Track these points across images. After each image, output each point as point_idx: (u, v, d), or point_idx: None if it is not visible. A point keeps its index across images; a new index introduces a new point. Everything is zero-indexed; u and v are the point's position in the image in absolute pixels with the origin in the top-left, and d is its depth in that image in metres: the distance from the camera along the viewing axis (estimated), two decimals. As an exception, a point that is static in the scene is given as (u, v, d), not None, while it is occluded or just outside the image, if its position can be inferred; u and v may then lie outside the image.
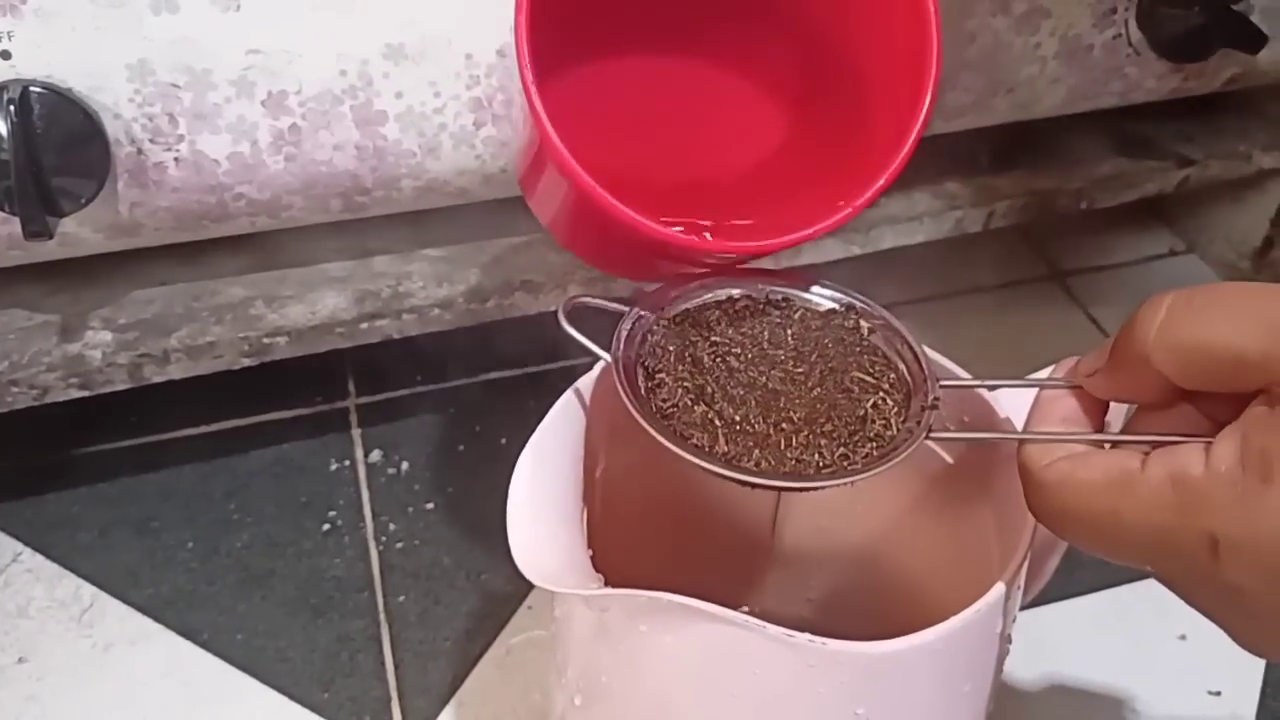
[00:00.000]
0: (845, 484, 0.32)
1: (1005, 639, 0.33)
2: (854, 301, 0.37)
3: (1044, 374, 0.39)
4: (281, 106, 0.45)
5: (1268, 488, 0.25)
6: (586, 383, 0.36)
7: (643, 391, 0.34)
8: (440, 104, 0.47)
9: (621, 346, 0.34)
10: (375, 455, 0.59)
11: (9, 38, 0.41)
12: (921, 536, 0.42)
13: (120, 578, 0.54)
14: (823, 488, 0.31)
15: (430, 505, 0.57)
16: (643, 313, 0.36)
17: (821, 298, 0.37)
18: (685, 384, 0.34)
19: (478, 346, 0.62)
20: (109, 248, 0.48)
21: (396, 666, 0.50)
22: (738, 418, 0.33)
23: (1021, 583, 0.33)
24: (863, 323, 0.36)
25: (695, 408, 0.33)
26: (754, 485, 0.31)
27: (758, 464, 0.32)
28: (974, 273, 0.70)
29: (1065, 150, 0.61)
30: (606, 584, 0.33)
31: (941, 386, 0.34)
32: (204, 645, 0.51)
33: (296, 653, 0.51)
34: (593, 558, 0.34)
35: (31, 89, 0.41)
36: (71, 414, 0.52)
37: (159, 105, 0.43)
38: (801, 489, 0.33)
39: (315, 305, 0.51)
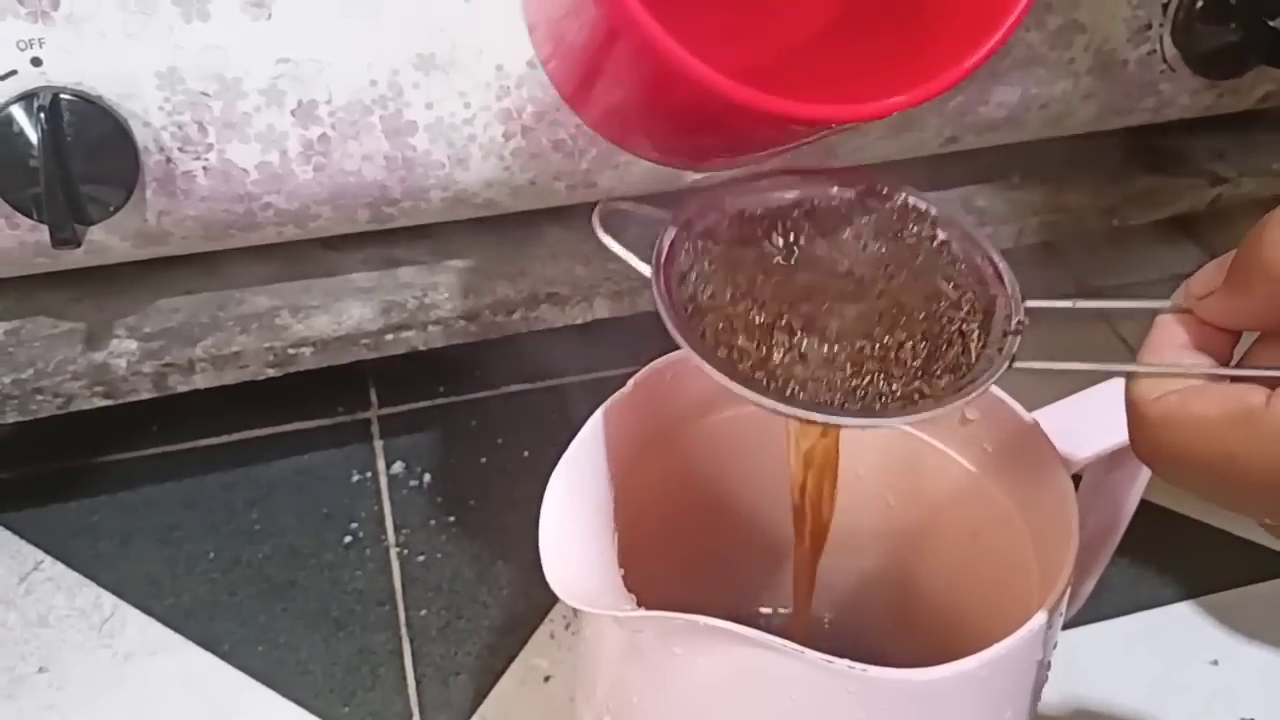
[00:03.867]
0: (918, 420, 0.29)
1: (1045, 666, 0.32)
2: (928, 206, 0.33)
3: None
4: (311, 116, 0.45)
5: None
6: (617, 400, 0.35)
7: (686, 312, 0.30)
8: (470, 115, 0.46)
9: (664, 258, 0.31)
10: (397, 467, 0.59)
11: (40, 45, 0.41)
12: (949, 548, 0.42)
13: (141, 587, 0.53)
14: (890, 426, 0.29)
15: (452, 518, 0.57)
16: (689, 219, 0.33)
17: (891, 199, 0.33)
18: (732, 303, 0.31)
19: (501, 358, 0.62)
20: (136, 256, 0.48)
21: (418, 682, 0.50)
22: (794, 340, 0.30)
23: (1064, 609, 0.32)
24: (939, 230, 0.33)
25: (744, 329, 0.30)
26: (813, 421, 0.28)
27: (816, 395, 0.29)
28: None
29: (1096, 166, 0.60)
30: (639, 604, 0.33)
31: (1027, 308, 0.31)
32: (224, 657, 0.51)
33: (317, 666, 0.50)
34: (624, 576, 0.34)
35: (62, 96, 0.41)
36: (94, 422, 0.51)
37: (188, 114, 0.43)
38: (867, 425, 0.29)
39: (341, 316, 0.51)
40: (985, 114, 0.53)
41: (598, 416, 0.34)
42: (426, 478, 0.59)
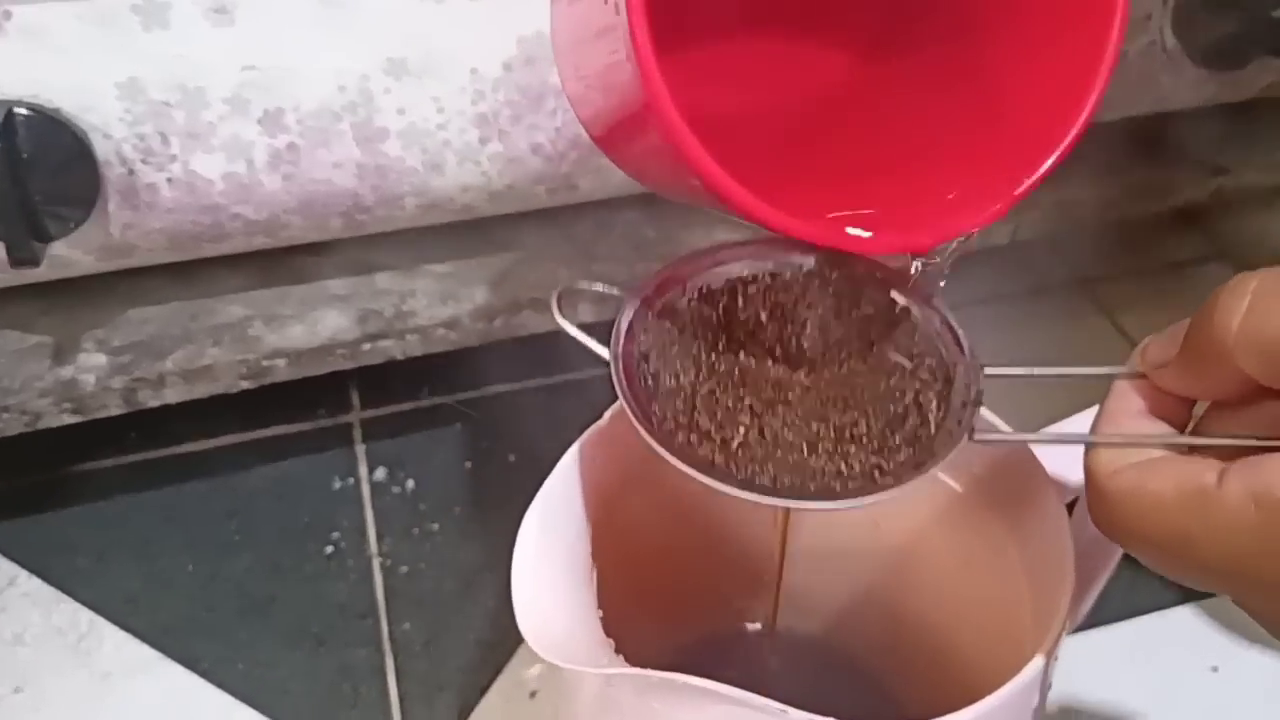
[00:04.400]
0: (877, 501, 0.28)
1: (1040, 711, 0.31)
2: (885, 275, 0.32)
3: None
4: (278, 124, 0.43)
5: None
6: (592, 435, 0.34)
7: (645, 394, 0.30)
8: (444, 120, 0.45)
9: (621, 341, 0.30)
10: (380, 473, 0.58)
11: (-8, 56, 0.39)
12: (940, 574, 0.41)
13: (119, 603, 0.52)
14: (849, 507, 0.28)
15: (436, 526, 0.55)
16: (647, 296, 0.32)
17: (849, 267, 0.32)
18: (693, 385, 0.30)
19: (486, 358, 0.60)
20: (101, 269, 0.46)
21: (401, 699, 0.49)
22: (752, 424, 0.29)
23: (1059, 651, 0.31)
24: (895, 295, 0.32)
25: (706, 411, 0.29)
26: (773, 505, 0.28)
27: (775, 479, 0.28)
28: (997, 280, 0.68)
29: (1093, 158, 0.58)
30: (618, 649, 0.31)
31: (986, 376, 0.30)
32: (204, 675, 0.50)
33: (298, 684, 0.49)
34: (603, 618, 0.33)
35: (17, 110, 0.39)
36: (68, 429, 0.50)
37: (150, 124, 0.42)
38: (826, 509, 0.29)
39: (316, 325, 0.49)
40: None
41: (571, 454, 0.33)
42: (409, 484, 0.57)
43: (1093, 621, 0.52)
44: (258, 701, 0.49)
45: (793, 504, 0.28)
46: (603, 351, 0.30)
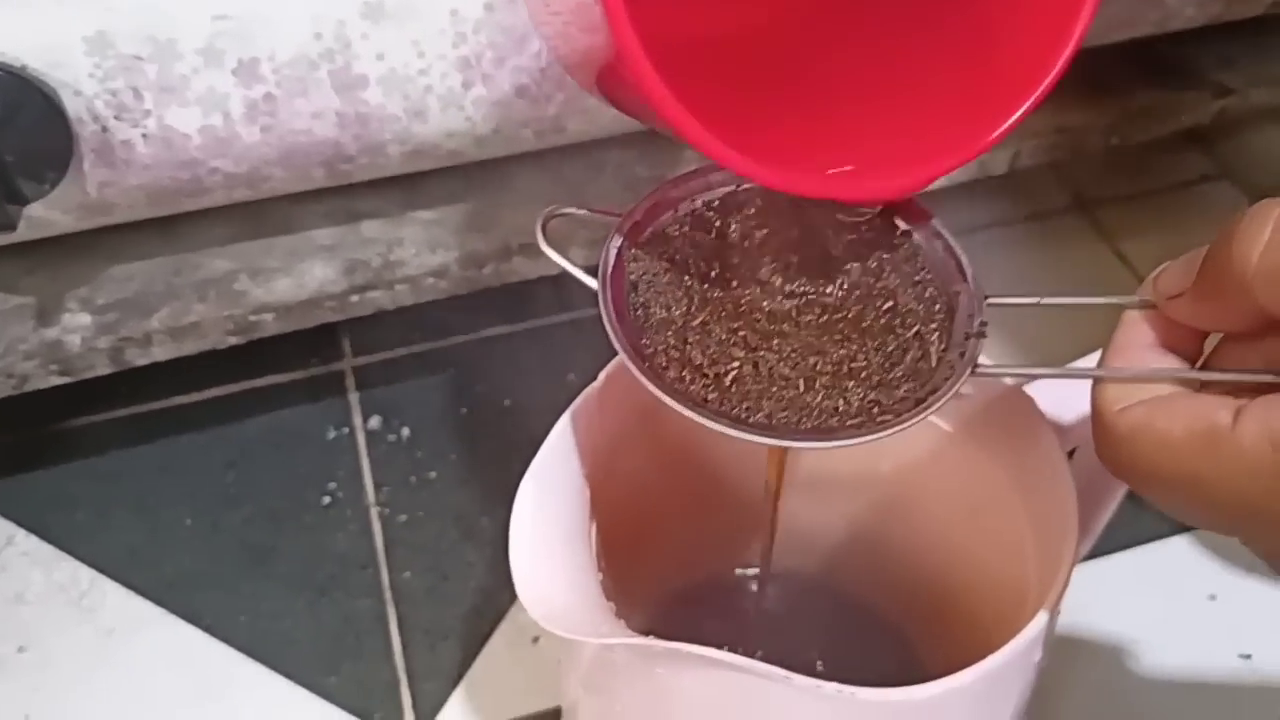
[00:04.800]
0: (876, 439, 0.27)
1: (1042, 666, 0.31)
2: None
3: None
4: (254, 75, 0.42)
5: None
6: (587, 398, 0.33)
7: (635, 327, 0.29)
8: (425, 65, 0.43)
9: (610, 269, 0.29)
10: (374, 421, 0.57)
11: (-48, 14, 0.38)
12: (944, 519, 0.40)
13: (120, 559, 0.52)
14: (846, 446, 0.27)
15: (433, 474, 0.55)
16: (636, 222, 0.31)
17: None
18: (685, 317, 0.29)
19: (477, 301, 0.59)
20: (81, 227, 0.45)
21: (404, 647, 0.49)
22: (746, 359, 0.28)
23: (1061, 605, 0.31)
24: (897, 219, 0.31)
25: (698, 345, 0.28)
26: (765, 444, 0.27)
27: (770, 416, 0.27)
28: (996, 205, 0.67)
29: (1095, 80, 0.57)
30: (619, 609, 0.31)
31: (990, 305, 0.29)
32: (208, 629, 0.50)
33: (302, 635, 0.50)
34: (603, 580, 0.33)
35: (-19, 69, 0.38)
36: (59, 386, 0.49)
37: (122, 79, 0.40)
38: (823, 448, 0.27)
39: (303, 278, 0.48)
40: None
41: (566, 419, 0.32)
42: (405, 432, 0.57)
43: (1091, 552, 0.52)
44: (261, 654, 0.49)
45: (788, 443, 0.27)
46: (590, 282, 0.29)
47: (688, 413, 0.26)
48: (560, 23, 0.29)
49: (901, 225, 0.31)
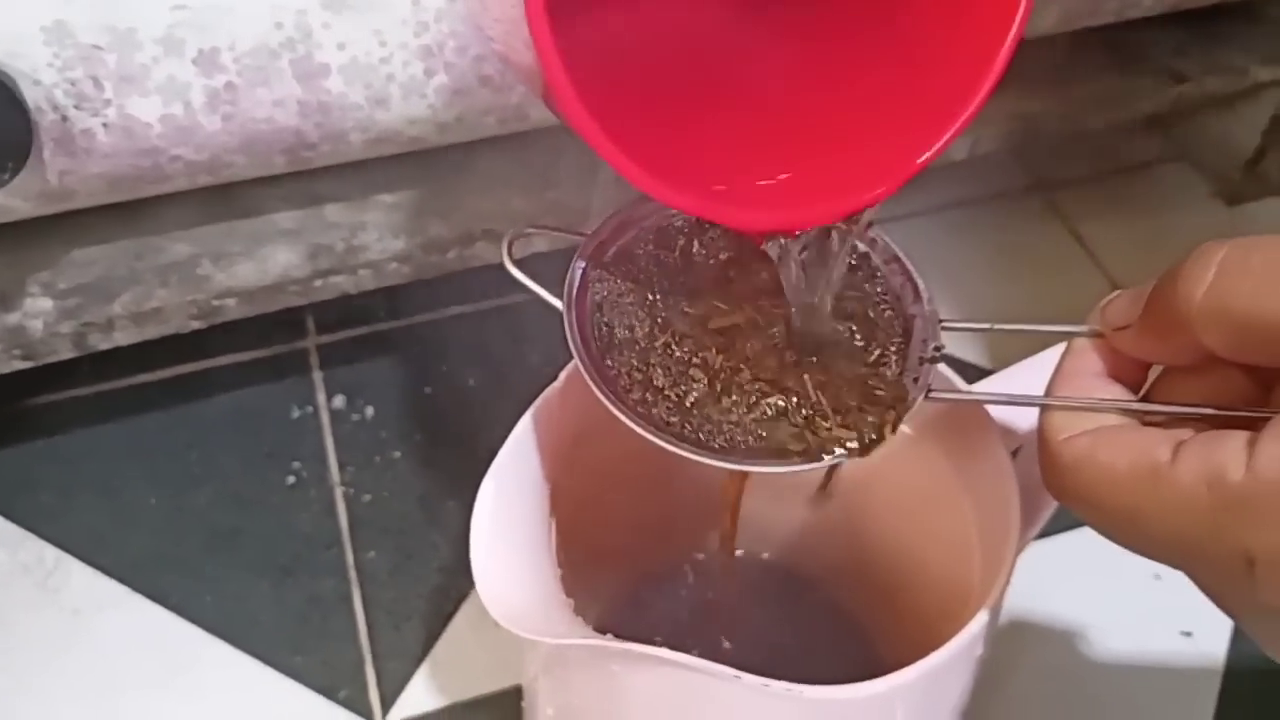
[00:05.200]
0: (828, 465, 0.28)
1: (984, 659, 0.32)
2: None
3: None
4: (214, 64, 0.41)
5: None
6: (548, 397, 0.34)
7: (599, 348, 0.29)
8: (387, 53, 0.43)
9: (575, 291, 0.30)
10: (338, 401, 0.58)
11: (-94, 3, 0.37)
12: (898, 512, 0.41)
13: (84, 539, 0.52)
14: (800, 471, 0.28)
15: (397, 454, 0.56)
16: (601, 241, 0.31)
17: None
18: (644, 340, 0.30)
19: (440, 280, 0.60)
20: (40, 213, 0.45)
21: (369, 627, 0.50)
22: (706, 381, 0.29)
23: (1002, 603, 0.32)
24: (858, 242, 0.31)
25: (657, 370, 0.29)
26: (724, 468, 0.28)
27: (730, 439, 0.28)
28: (956, 186, 0.68)
29: (1053, 67, 0.58)
30: (577, 605, 0.32)
31: (944, 328, 0.30)
32: (174, 609, 0.50)
33: (267, 615, 0.50)
34: (562, 576, 0.33)
35: (-63, 59, 0.38)
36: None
37: (81, 69, 0.40)
38: (781, 473, 0.28)
39: (265, 263, 0.49)
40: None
41: (526, 419, 0.33)
42: (369, 411, 0.57)
43: (1038, 532, 0.53)
44: (227, 634, 0.50)
45: (747, 468, 0.28)
46: (556, 303, 0.30)
47: (650, 437, 0.27)
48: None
49: (860, 247, 0.31)
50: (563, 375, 0.34)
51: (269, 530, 0.53)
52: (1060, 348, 0.37)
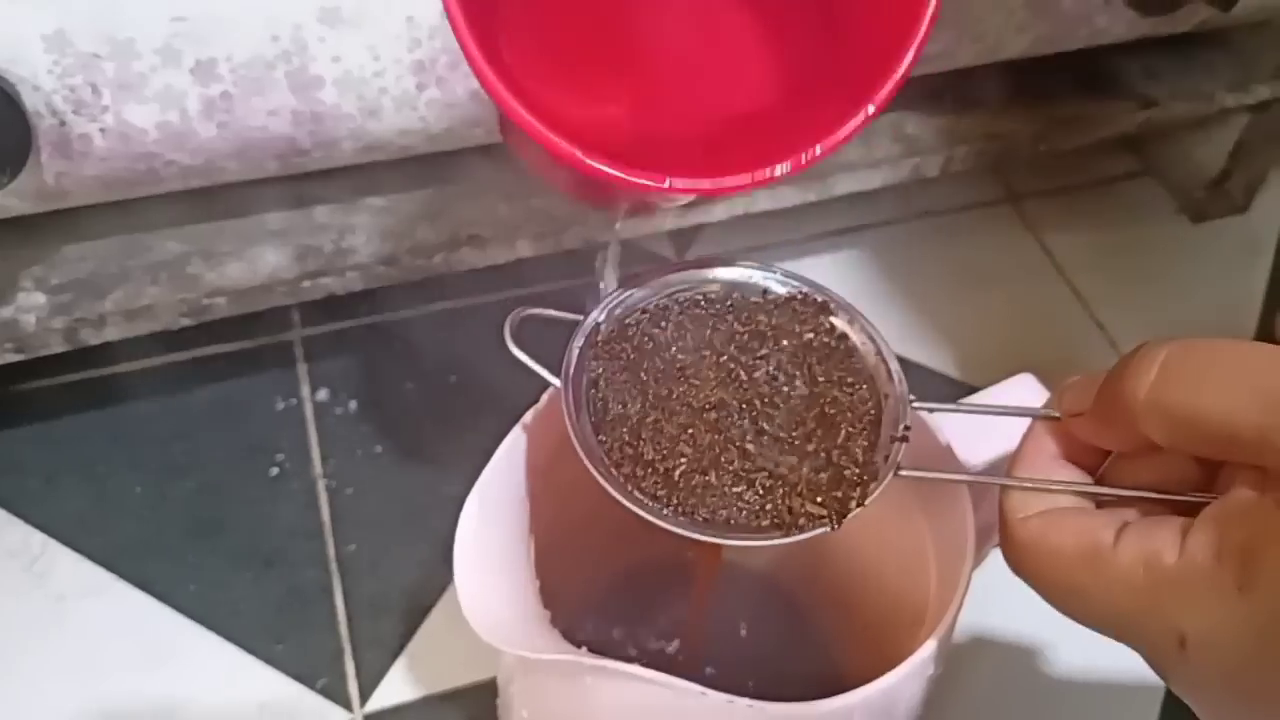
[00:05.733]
0: (803, 539, 0.29)
1: (937, 672, 0.34)
2: (825, 297, 0.34)
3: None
4: (211, 74, 0.42)
5: (1244, 594, 0.23)
6: (532, 417, 0.35)
7: (592, 423, 0.31)
8: (380, 68, 0.44)
9: (573, 369, 0.32)
10: (322, 393, 0.59)
11: (-90, 10, 0.38)
12: (858, 529, 0.43)
13: (70, 526, 0.53)
14: (775, 545, 0.29)
15: (379, 448, 0.57)
16: (599, 321, 0.33)
17: (791, 288, 0.34)
18: (635, 416, 0.31)
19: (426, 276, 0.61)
20: (34, 211, 0.46)
21: (349, 618, 0.51)
22: (693, 455, 0.30)
23: (954, 627, 0.34)
24: (836, 320, 0.33)
25: (647, 444, 0.31)
26: (703, 542, 0.29)
27: (712, 513, 0.30)
28: (927, 195, 0.69)
29: (1025, 89, 0.59)
30: (554, 620, 0.34)
31: (914, 408, 0.31)
32: (158, 596, 0.52)
33: (248, 604, 0.52)
34: (540, 588, 0.35)
35: (-61, 65, 0.39)
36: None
37: (80, 76, 0.41)
38: (752, 546, 0.30)
39: (255, 263, 0.50)
40: (916, 50, 0.52)
41: (510, 439, 0.34)
42: (352, 405, 0.59)
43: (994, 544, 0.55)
44: (210, 621, 0.51)
45: (726, 541, 0.29)
46: (555, 381, 0.31)
47: (639, 512, 0.29)
48: None
49: (840, 328, 0.33)
50: (545, 397, 0.36)
51: (252, 521, 0.54)
52: (1006, 383, 0.39)
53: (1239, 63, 0.61)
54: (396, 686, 0.50)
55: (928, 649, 0.32)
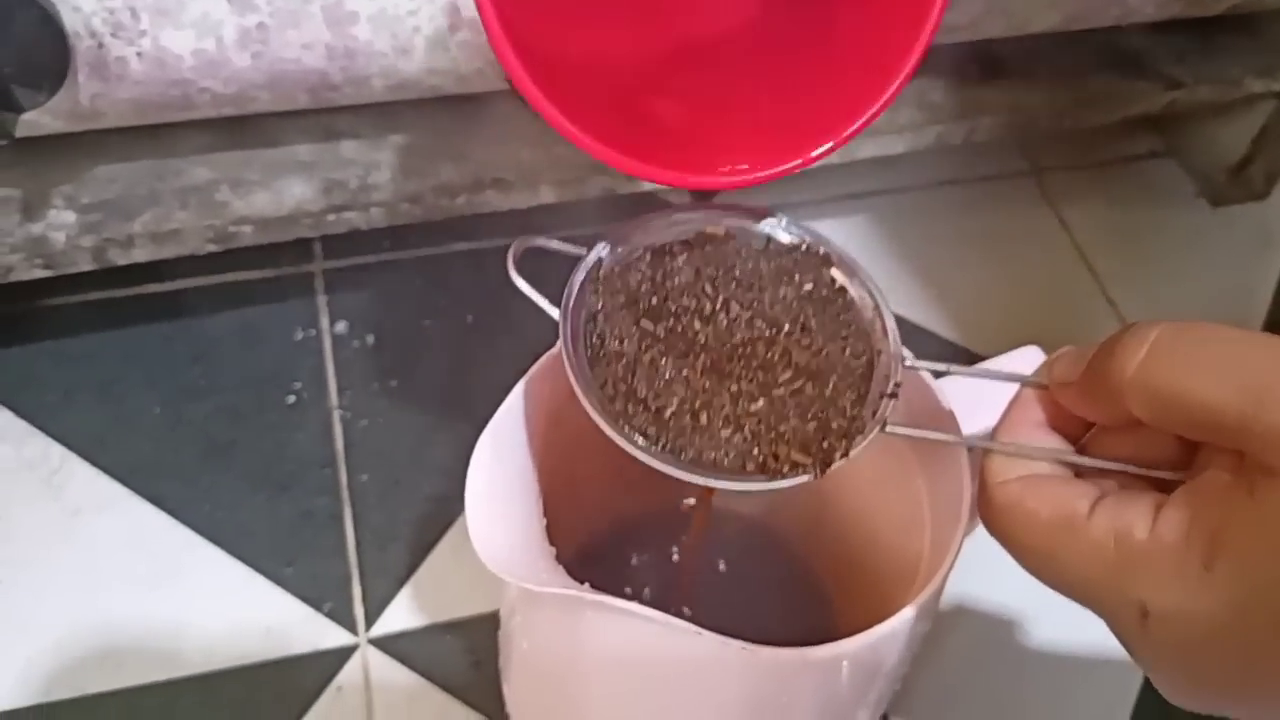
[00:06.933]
0: (788, 485, 0.30)
1: (925, 629, 0.35)
2: (828, 250, 0.34)
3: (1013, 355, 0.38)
4: (248, 4, 0.43)
5: (1208, 574, 0.24)
6: (541, 366, 0.36)
7: (588, 356, 0.32)
8: (414, 6, 0.45)
9: (572, 302, 0.32)
10: (341, 326, 0.60)
11: (-43, -76, 0.39)
12: (858, 485, 0.44)
13: (87, 441, 0.55)
14: (762, 491, 0.30)
15: (395, 382, 0.58)
16: (602, 257, 0.33)
17: (795, 238, 0.34)
18: (632, 354, 0.32)
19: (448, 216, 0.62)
20: (68, 130, 0.47)
21: (358, 546, 0.53)
22: (685, 395, 0.31)
23: (945, 584, 0.35)
24: (836, 273, 0.34)
25: (641, 382, 0.31)
26: (693, 482, 0.30)
27: (700, 454, 0.30)
28: (951, 164, 0.69)
29: (1054, 62, 0.59)
30: (559, 556, 0.35)
31: (906, 366, 0.32)
32: (172, 513, 0.53)
33: (260, 526, 0.53)
34: (547, 525, 0.36)
35: (-17, -19, 0.39)
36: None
37: (120, 0, 0.42)
38: (743, 490, 0.30)
39: (281, 194, 0.50)
40: (948, 19, 0.52)
41: (522, 383, 0.35)
42: (370, 339, 0.60)
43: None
44: (221, 540, 0.52)
45: (712, 483, 0.30)
46: (554, 312, 0.32)
47: (629, 448, 0.30)
48: None
49: (840, 281, 0.34)
50: (558, 344, 0.36)
51: (266, 446, 0.55)
52: (1010, 354, 0.39)
53: (1267, 49, 0.61)
54: (401, 614, 0.51)
55: (917, 605, 0.33)
